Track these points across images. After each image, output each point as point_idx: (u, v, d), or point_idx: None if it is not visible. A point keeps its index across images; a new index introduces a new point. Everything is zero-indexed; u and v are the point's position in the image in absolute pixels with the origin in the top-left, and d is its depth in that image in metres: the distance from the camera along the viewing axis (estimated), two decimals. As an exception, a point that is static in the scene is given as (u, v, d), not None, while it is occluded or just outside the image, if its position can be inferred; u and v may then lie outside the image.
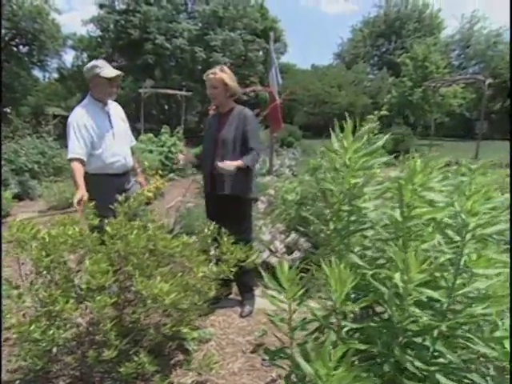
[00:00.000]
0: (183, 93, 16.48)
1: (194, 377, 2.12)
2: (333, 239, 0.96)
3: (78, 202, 2.37)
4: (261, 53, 30.69)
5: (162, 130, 10.38)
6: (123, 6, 24.42)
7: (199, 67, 24.61)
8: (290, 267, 0.98)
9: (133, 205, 2.02)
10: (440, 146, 15.39)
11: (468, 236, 0.79)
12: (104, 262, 1.77)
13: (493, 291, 0.83)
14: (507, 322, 0.81)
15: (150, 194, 6.92)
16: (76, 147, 2.60)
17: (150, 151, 9.55)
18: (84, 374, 2.05)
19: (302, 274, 0.93)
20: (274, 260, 3.33)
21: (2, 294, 1.66)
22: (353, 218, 0.93)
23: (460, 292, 0.80)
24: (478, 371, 0.83)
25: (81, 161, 2.60)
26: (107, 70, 2.69)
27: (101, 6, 24.20)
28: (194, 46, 24.28)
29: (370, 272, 0.85)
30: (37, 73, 27.44)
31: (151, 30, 23.53)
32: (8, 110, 8.57)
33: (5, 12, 22.46)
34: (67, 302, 1.60)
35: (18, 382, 2.00)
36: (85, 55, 27.90)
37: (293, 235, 3.55)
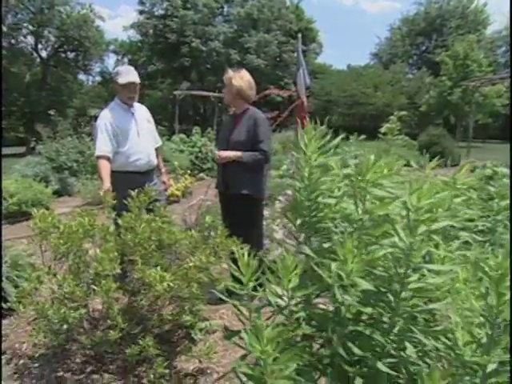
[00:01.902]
0: (216, 94, 16.83)
1: (196, 364, 2.24)
2: (299, 232, 1.03)
3: (105, 193, 2.54)
4: (295, 54, 30.55)
5: (193, 131, 10.69)
6: (162, 12, 25.32)
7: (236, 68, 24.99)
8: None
9: (143, 200, 2.18)
10: (479, 148, 14.64)
11: (412, 230, 0.83)
12: (114, 252, 1.94)
13: (437, 286, 0.86)
14: (455, 316, 0.84)
15: (179, 193, 7.20)
16: (102, 145, 2.80)
17: (181, 151, 9.89)
18: (97, 355, 2.23)
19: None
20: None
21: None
22: (313, 213, 1.00)
23: (405, 286, 0.84)
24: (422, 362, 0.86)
25: (107, 158, 2.80)
26: (122, 77, 2.85)
27: (140, 12, 25.25)
28: (228, 48, 24.71)
29: (315, 261, 0.91)
30: (81, 77, 29.11)
31: (188, 34, 24.24)
32: (52, 113, 9.16)
33: (55, 22, 24.10)
34: (77, 285, 1.78)
35: (38, 355, 2.22)
36: (126, 59, 29.22)
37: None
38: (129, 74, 2.88)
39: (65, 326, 1.76)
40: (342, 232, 0.95)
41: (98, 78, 30.22)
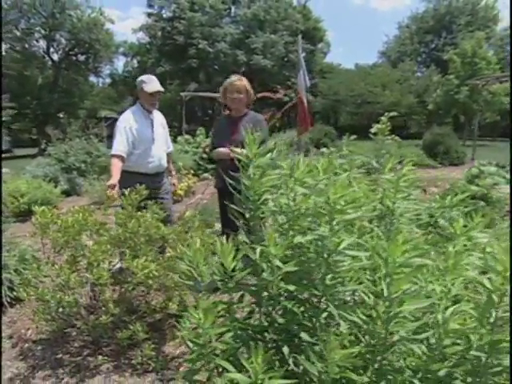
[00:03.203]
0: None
1: (183, 349, 2.43)
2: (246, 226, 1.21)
3: (110, 186, 2.71)
4: (304, 53, 30.62)
5: (198, 132, 10.91)
6: (170, 14, 25.67)
7: (242, 70, 25.22)
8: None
9: (135, 198, 2.38)
10: (486, 146, 14.52)
11: (329, 222, 1.00)
12: (106, 244, 2.15)
13: (350, 273, 1.02)
14: (365, 295, 1.00)
15: (181, 192, 7.42)
16: (119, 146, 3.02)
17: (186, 152, 10.13)
18: (94, 340, 2.44)
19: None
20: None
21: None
22: (257, 208, 1.17)
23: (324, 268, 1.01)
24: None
25: (121, 157, 3.02)
26: (149, 86, 3.10)
27: (149, 15, 25.63)
28: (235, 49, 24.93)
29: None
30: (92, 79, 29.66)
31: (195, 36, 24.54)
32: (61, 115, 9.48)
33: (66, 25, 24.66)
34: (72, 273, 1.99)
35: (40, 339, 2.44)
36: (134, 61, 29.69)
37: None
38: (154, 83, 3.12)
39: (60, 310, 1.96)
40: (281, 223, 1.13)
41: (108, 80, 30.78)
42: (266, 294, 1.05)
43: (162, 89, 3.17)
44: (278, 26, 26.21)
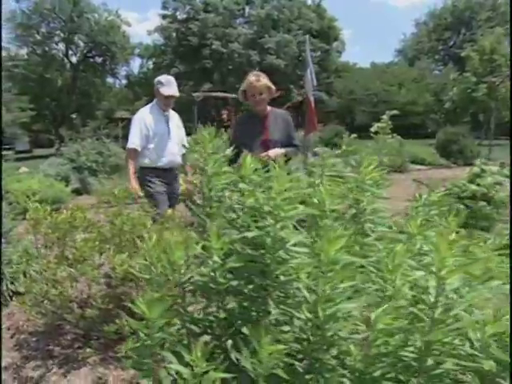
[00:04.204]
0: (233, 95, 17.13)
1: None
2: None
3: (132, 190, 2.93)
4: (319, 52, 30.45)
5: (208, 132, 11.01)
6: (184, 16, 25.97)
7: (256, 70, 25.28)
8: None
9: (121, 196, 2.45)
10: (503, 146, 14.11)
11: (272, 216, 1.03)
12: (94, 241, 2.23)
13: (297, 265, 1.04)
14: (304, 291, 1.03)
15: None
16: (134, 138, 3.19)
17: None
18: (85, 333, 2.53)
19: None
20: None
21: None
22: (215, 205, 1.21)
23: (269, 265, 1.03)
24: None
25: (135, 150, 3.19)
26: (165, 88, 3.20)
27: (163, 17, 25.99)
28: (248, 49, 25.00)
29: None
30: (109, 80, 30.30)
31: (209, 36, 24.73)
32: (73, 116, 9.74)
33: (84, 28, 25.34)
34: (59, 267, 2.07)
35: (35, 331, 2.55)
36: (150, 62, 30.18)
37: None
38: (171, 87, 3.23)
39: (46, 302, 2.05)
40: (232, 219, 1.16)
41: (124, 81, 31.39)
42: (213, 288, 1.09)
43: (176, 94, 3.26)
44: (291, 26, 26.15)
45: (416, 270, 1.00)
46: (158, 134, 3.23)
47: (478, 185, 3.88)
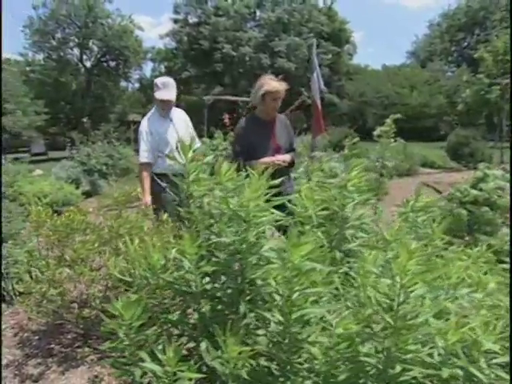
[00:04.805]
0: (243, 99, 17.21)
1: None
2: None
3: (144, 204, 2.89)
4: (330, 55, 30.31)
5: (215, 135, 11.09)
6: (195, 20, 26.26)
7: (269, 73, 25.31)
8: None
9: (121, 199, 2.52)
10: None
11: (246, 222, 1.07)
12: (93, 243, 2.30)
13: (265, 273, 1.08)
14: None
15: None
16: (144, 152, 3.12)
17: (204, 154, 10.34)
18: (85, 332, 2.61)
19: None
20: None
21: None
22: (196, 209, 1.25)
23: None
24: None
25: (148, 164, 3.12)
26: (159, 93, 3.07)
27: (175, 21, 26.33)
28: (259, 53, 25.11)
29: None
30: (122, 84, 30.82)
31: (220, 40, 24.93)
32: (84, 120, 9.94)
33: (98, 33, 25.90)
34: (58, 268, 2.14)
35: (38, 330, 2.64)
36: (162, 66, 30.61)
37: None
38: (166, 91, 3.08)
39: (45, 302, 2.12)
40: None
41: (137, 85, 31.92)
42: (188, 292, 1.13)
43: (171, 98, 3.10)
44: (302, 29, 26.17)
45: (381, 277, 1.03)
46: (166, 139, 3.14)
47: (481, 189, 3.84)
